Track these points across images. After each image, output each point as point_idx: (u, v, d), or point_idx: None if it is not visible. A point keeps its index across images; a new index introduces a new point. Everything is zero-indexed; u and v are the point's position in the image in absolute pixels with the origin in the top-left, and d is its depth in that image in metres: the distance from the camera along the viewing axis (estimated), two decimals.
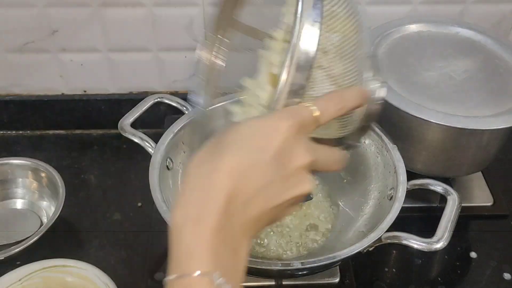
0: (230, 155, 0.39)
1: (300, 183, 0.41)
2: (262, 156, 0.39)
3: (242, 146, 0.39)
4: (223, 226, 0.38)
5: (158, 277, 0.76)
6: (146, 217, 0.84)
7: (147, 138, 0.77)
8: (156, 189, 0.70)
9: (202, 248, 0.37)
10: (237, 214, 0.39)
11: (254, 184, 0.39)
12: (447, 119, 0.71)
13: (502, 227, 0.84)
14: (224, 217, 0.38)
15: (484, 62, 0.81)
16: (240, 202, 0.39)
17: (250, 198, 0.39)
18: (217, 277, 0.37)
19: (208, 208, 0.38)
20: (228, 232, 0.38)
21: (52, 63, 0.94)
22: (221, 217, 0.38)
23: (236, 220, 0.39)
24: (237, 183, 0.38)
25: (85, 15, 0.88)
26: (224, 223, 0.38)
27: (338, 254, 0.63)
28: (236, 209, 0.39)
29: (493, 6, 0.90)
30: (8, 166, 0.86)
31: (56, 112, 0.99)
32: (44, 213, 0.85)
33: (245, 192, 0.39)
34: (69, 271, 0.70)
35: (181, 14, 0.89)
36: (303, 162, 0.41)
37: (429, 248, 0.64)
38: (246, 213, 0.39)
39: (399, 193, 0.69)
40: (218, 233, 0.38)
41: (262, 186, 0.39)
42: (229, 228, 0.38)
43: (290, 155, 0.40)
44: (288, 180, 0.40)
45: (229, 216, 0.38)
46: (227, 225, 0.38)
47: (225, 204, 0.38)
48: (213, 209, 0.38)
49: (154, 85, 0.98)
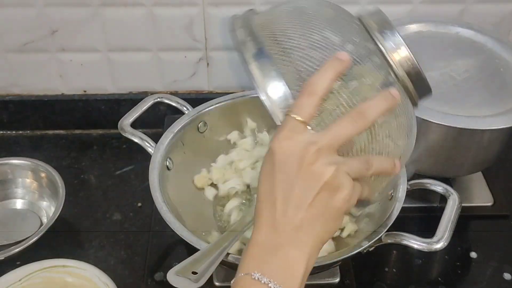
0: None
1: (316, 175, 0.45)
2: (272, 175, 0.47)
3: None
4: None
5: (158, 277, 0.76)
6: (146, 217, 0.84)
7: (147, 138, 0.77)
8: (156, 189, 0.70)
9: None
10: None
11: (280, 196, 0.46)
12: (447, 119, 0.71)
13: (502, 227, 0.84)
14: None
15: (484, 62, 0.81)
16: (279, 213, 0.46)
17: (284, 207, 0.46)
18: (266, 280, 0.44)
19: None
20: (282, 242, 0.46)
21: (52, 63, 0.94)
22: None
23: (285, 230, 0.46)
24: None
25: (85, 15, 0.88)
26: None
27: (338, 254, 0.64)
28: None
29: (493, 6, 0.90)
30: (8, 166, 0.86)
31: (56, 112, 0.99)
32: (44, 213, 0.85)
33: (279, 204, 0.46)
34: (69, 271, 0.70)
35: (181, 14, 0.89)
36: (308, 156, 0.46)
37: (429, 249, 0.64)
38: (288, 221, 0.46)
39: (399, 193, 0.69)
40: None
41: (288, 195, 0.46)
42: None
43: (295, 159, 0.46)
44: (305, 180, 0.46)
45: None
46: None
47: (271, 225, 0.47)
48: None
49: (154, 85, 0.98)
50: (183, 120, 0.80)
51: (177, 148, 0.79)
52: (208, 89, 0.99)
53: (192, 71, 0.97)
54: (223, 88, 0.99)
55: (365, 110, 0.47)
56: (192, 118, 0.81)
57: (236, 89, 0.98)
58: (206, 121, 0.82)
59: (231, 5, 0.88)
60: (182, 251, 0.79)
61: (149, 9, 0.88)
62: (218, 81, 0.98)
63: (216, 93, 0.99)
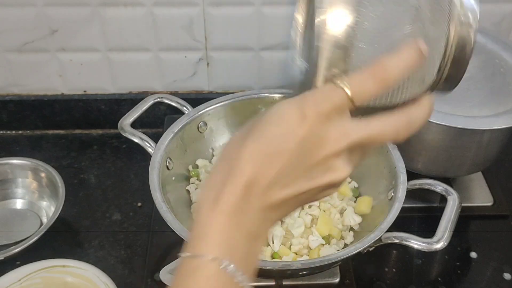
0: (252, 141, 0.39)
1: (329, 171, 0.39)
2: (286, 143, 0.38)
3: (266, 133, 0.39)
4: (240, 210, 0.38)
5: (158, 277, 0.76)
6: (146, 217, 0.84)
7: (147, 138, 0.76)
8: (156, 189, 0.70)
9: (215, 230, 0.38)
10: (256, 200, 0.39)
11: (275, 171, 0.38)
12: (447, 119, 0.71)
13: (502, 227, 0.84)
14: (241, 202, 0.38)
15: (484, 62, 0.81)
16: (259, 187, 0.38)
17: (270, 184, 0.39)
18: (227, 263, 0.38)
19: (226, 191, 0.38)
20: (245, 216, 0.39)
21: (52, 63, 0.94)
22: (238, 201, 0.38)
23: (254, 205, 0.39)
24: (258, 169, 0.38)
25: (85, 15, 0.88)
26: (241, 207, 0.38)
27: (338, 254, 0.64)
28: (255, 194, 0.39)
29: (493, 6, 0.90)
30: (8, 166, 0.86)
31: (56, 112, 0.99)
32: (44, 213, 0.85)
33: (265, 178, 0.38)
34: (69, 271, 0.70)
35: (181, 14, 0.89)
36: (335, 149, 0.38)
37: (429, 248, 0.64)
38: (265, 199, 0.39)
39: (399, 193, 0.69)
40: (233, 217, 0.38)
41: (284, 173, 0.38)
42: (246, 213, 0.39)
43: (318, 143, 0.38)
44: (314, 168, 0.39)
45: (246, 201, 0.39)
46: (244, 210, 0.39)
47: (243, 189, 0.38)
48: (230, 193, 0.38)
49: (154, 85, 0.98)
50: (183, 120, 0.80)
51: (177, 148, 0.79)
52: (208, 89, 0.99)
53: (192, 71, 0.97)
54: (223, 88, 0.99)
55: (413, 117, 0.40)
56: (192, 118, 0.81)
57: (236, 89, 0.98)
58: (206, 121, 0.82)
59: (231, 5, 0.88)
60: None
61: (149, 9, 0.88)
62: (218, 81, 0.98)
63: (216, 93, 0.99)
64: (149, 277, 0.76)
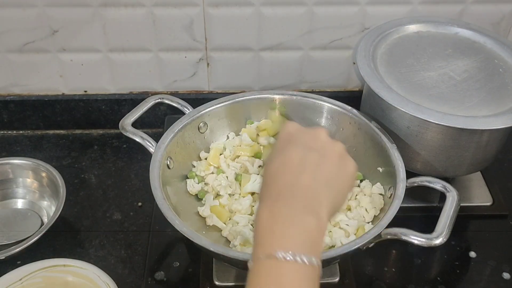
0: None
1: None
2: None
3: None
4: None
5: (158, 277, 0.76)
6: (146, 217, 0.85)
7: (148, 138, 0.77)
8: (156, 187, 0.70)
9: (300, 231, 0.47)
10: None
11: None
12: (446, 119, 0.71)
13: (501, 227, 0.84)
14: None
15: (483, 62, 0.81)
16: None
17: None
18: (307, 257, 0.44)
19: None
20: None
21: (53, 63, 0.94)
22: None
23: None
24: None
25: (85, 15, 0.88)
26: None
27: (338, 250, 0.64)
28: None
29: (492, 6, 0.90)
30: (9, 166, 0.86)
31: (57, 112, 1.00)
32: (44, 212, 0.85)
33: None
34: (69, 270, 0.70)
35: (181, 14, 0.89)
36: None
37: (429, 244, 0.64)
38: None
39: (398, 191, 0.70)
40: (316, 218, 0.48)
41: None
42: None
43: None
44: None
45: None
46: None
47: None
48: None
49: (154, 85, 0.99)
50: (184, 120, 0.80)
51: (178, 148, 0.79)
52: (208, 89, 1.00)
53: (192, 71, 0.97)
54: (223, 88, 1.00)
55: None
56: (192, 118, 0.81)
57: (236, 89, 0.99)
58: (206, 121, 0.83)
59: (231, 5, 0.88)
60: (182, 251, 0.79)
61: (149, 9, 0.88)
62: (218, 81, 0.98)
63: (216, 93, 1.00)
64: (149, 277, 0.76)
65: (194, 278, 0.75)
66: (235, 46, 0.93)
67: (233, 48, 0.94)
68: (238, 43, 0.93)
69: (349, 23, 0.91)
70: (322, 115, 0.84)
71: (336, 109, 0.83)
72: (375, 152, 0.78)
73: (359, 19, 0.90)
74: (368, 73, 0.77)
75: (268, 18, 0.89)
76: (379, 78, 0.77)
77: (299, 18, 0.89)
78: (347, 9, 0.89)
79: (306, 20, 0.90)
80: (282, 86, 0.99)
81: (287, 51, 0.94)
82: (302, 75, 0.98)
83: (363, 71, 0.78)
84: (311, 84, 0.99)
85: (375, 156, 0.78)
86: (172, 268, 0.77)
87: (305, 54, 0.95)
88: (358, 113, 0.81)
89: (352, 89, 1.00)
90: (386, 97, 0.73)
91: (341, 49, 0.94)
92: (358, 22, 0.90)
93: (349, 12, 0.89)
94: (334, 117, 0.83)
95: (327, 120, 0.84)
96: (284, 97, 0.85)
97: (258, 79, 0.98)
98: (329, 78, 0.98)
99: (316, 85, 1.00)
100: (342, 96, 0.88)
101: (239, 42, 0.93)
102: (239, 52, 0.94)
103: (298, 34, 0.92)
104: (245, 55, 0.95)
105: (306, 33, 0.92)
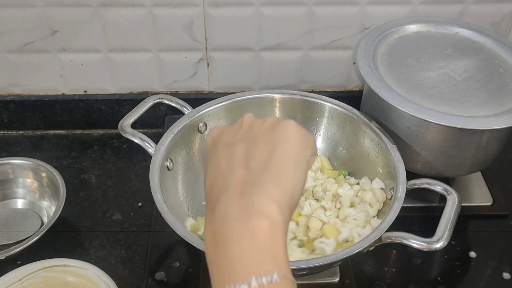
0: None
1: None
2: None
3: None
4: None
5: (158, 277, 0.76)
6: (146, 217, 0.85)
7: (147, 139, 0.77)
8: (156, 189, 0.70)
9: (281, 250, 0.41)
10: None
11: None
12: (446, 119, 0.71)
13: (501, 227, 0.84)
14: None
15: (483, 62, 0.81)
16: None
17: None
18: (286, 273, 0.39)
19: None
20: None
21: (53, 63, 0.94)
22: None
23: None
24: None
25: (85, 15, 0.88)
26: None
27: (338, 254, 0.64)
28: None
29: (493, 6, 0.90)
30: (9, 166, 0.86)
31: (57, 112, 0.99)
32: (44, 213, 0.85)
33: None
34: (69, 270, 0.70)
35: (181, 14, 0.89)
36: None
37: (429, 248, 0.64)
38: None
39: (399, 193, 0.70)
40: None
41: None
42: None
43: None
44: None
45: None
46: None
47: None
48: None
49: (154, 85, 0.99)
50: (184, 120, 0.80)
51: (178, 149, 0.79)
52: (208, 89, 1.00)
53: (192, 71, 0.97)
54: (223, 88, 1.00)
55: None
56: (192, 118, 0.81)
57: (236, 89, 0.99)
58: (206, 121, 0.83)
59: (231, 5, 0.88)
60: (182, 251, 0.79)
61: (149, 9, 0.88)
62: (218, 81, 0.98)
63: (216, 93, 0.99)
64: (149, 277, 0.76)
65: (194, 279, 0.75)
66: (235, 46, 0.93)
67: (233, 48, 0.94)
68: (238, 43, 0.93)
69: (349, 23, 0.91)
70: (323, 114, 0.84)
71: (336, 108, 0.83)
72: (375, 152, 0.78)
73: (359, 19, 0.90)
74: (368, 73, 0.77)
75: (268, 18, 0.89)
76: (379, 78, 0.77)
77: (299, 18, 0.89)
78: (347, 9, 0.89)
79: (306, 20, 0.90)
80: (282, 86, 0.99)
81: (287, 51, 0.94)
82: (302, 75, 0.98)
83: (363, 71, 0.78)
84: (311, 84, 0.99)
85: (375, 157, 0.78)
86: (172, 268, 0.77)
87: (305, 54, 0.94)
88: (358, 113, 0.81)
89: (352, 89, 1.00)
90: (386, 97, 0.73)
91: (341, 49, 0.94)
92: (358, 22, 0.90)
93: (349, 12, 0.89)
94: (334, 116, 0.83)
95: (327, 120, 0.84)
96: (284, 97, 0.85)
97: (258, 79, 0.98)
98: (329, 78, 0.98)
99: (316, 85, 1.00)
100: (342, 96, 0.88)
101: (239, 42, 0.93)
102: (239, 52, 0.94)
103: (298, 34, 0.92)
104: (245, 55, 0.95)
105: (306, 33, 0.91)
